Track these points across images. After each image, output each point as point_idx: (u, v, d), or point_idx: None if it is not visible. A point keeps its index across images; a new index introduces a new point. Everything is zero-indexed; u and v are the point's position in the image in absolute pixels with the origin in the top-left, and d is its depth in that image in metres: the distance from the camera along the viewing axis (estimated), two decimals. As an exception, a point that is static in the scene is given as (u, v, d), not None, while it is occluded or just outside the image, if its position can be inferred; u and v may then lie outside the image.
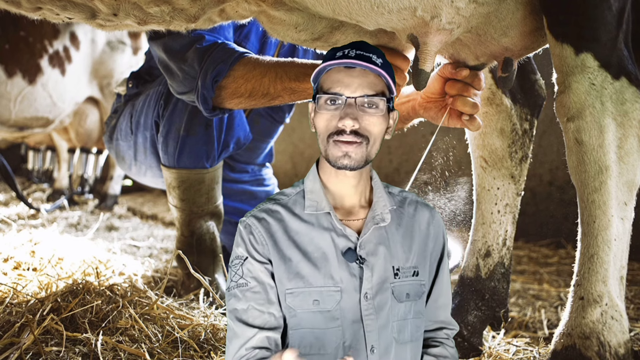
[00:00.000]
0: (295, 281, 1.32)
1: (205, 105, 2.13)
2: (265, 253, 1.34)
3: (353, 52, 1.32)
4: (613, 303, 1.59)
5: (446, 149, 2.08)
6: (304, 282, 1.32)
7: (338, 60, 1.31)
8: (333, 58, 1.33)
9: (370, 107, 1.31)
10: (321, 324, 1.32)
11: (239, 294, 1.33)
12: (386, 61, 1.36)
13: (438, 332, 1.48)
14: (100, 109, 5.92)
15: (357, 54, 1.31)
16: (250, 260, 1.34)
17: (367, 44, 1.36)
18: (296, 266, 1.33)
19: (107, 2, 1.63)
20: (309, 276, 1.32)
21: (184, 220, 2.61)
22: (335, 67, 1.33)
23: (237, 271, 1.34)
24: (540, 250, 4.40)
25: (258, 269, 1.33)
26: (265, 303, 1.32)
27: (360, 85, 1.31)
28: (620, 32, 1.59)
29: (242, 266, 1.34)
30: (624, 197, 1.61)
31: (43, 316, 1.95)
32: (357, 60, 1.30)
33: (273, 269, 1.34)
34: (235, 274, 1.34)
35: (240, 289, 1.33)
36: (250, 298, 1.32)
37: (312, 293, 1.32)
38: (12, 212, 5.11)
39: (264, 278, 1.33)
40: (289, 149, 7.15)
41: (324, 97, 1.32)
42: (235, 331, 1.32)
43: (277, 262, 1.34)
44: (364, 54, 1.32)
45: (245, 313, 1.32)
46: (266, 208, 1.39)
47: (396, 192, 1.47)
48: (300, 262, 1.33)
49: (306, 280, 1.32)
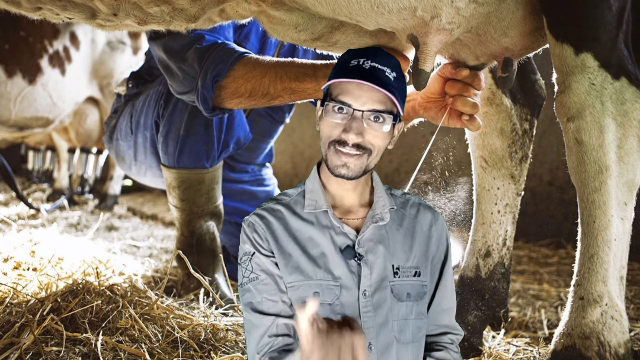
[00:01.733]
0: (296, 275, 1.35)
1: (205, 105, 2.13)
2: (268, 247, 1.38)
3: (368, 64, 1.32)
4: (613, 303, 1.59)
5: (446, 149, 2.08)
6: (304, 276, 1.35)
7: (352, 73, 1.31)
8: (347, 65, 1.34)
9: (376, 121, 1.33)
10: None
11: (252, 288, 1.36)
12: (400, 74, 1.37)
13: (442, 337, 1.48)
14: (100, 109, 5.92)
15: (372, 66, 1.32)
16: (257, 255, 1.37)
17: (384, 52, 1.37)
18: (296, 261, 1.36)
19: (107, 2, 1.63)
20: (308, 270, 1.35)
21: (184, 220, 2.61)
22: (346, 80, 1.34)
23: (246, 267, 1.38)
24: (540, 250, 4.40)
25: (266, 262, 1.36)
26: (277, 293, 1.35)
27: (369, 99, 1.32)
28: (620, 32, 1.59)
29: (250, 261, 1.37)
30: (624, 197, 1.61)
31: (43, 316, 1.95)
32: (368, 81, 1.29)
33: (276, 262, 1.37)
34: (246, 270, 1.38)
35: (253, 283, 1.36)
36: (262, 290, 1.35)
37: (312, 286, 1.34)
38: (12, 212, 5.11)
39: (272, 270, 1.36)
40: (289, 149, 7.15)
41: (332, 104, 1.34)
42: (252, 322, 1.35)
43: (278, 257, 1.37)
44: (379, 67, 1.32)
45: (260, 304, 1.35)
46: (268, 207, 1.43)
47: (399, 194, 1.49)
48: (300, 257, 1.36)
49: (306, 274, 1.35)
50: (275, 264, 1.36)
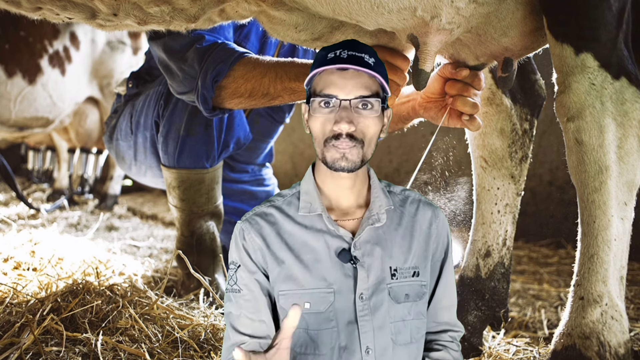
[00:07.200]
0: (288, 283, 1.34)
1: (205, 105, 2.13)
2: (257, 259, 1.37)
3: (345, 54, 1.31)
4: (613, 303, 1.59)
5: (446, 149, 2.08)
6: (296, 285, 1.33)
7: (330, 64, 1.30)
8: (325, 59, 1.32)
9: (364, 109, 1.31)
10: (315, 325, 1.32)
11: (233, 299, 1.37)
12: (378, 60, 1.35)
13: (442, 334, 1.46)
14: (100, 109, 5.92)
15: (350, 55, 1.30)
16: (242, 269, 1.37)
17: (358, 42, 1.36)
18: (289, 268, 1.34)
19: (107, 2, 1.63)
20: (300, 278, 1.33)
21: (184, 220, 2.61)
22: (327, 69, 1.32)
23: (232, 276, 1.38)
24: (540, 250, 4.40)
25: (247, 279, 1.36)
26: (255, 312, 1.35)
27: (354, 86, 1.30)
28: (620, 32, 1.59)
29: (235, 273, 1.38)
30: (624, 197, 1.61)
31: (43, 316, 1.95)
32: (349, 65, 1.29)
33: (268, 272, 1.36)
34: (231, 279, 1.38)
35: (234, 295, 1.37)
36: (242, 305, 1.35)
37: (304, 295, 1.33)
38: (12, 212, 5.10)
39: (253, 287, 1.36)
40: (289, 149, 7.15)
41: (317, 99, 1.31)
42: (228, 334, 1.38)
43: (271, 264, 1.36)
44: (356, 54, 1.31)
45: (237, 320, 1.35)
46: (260, 212, 1.41)
47: (398, 191, 1.46)
48: (292, 264, 1.34)
49: (298, 283, 1.33)
50: (256, 282, 1.36)
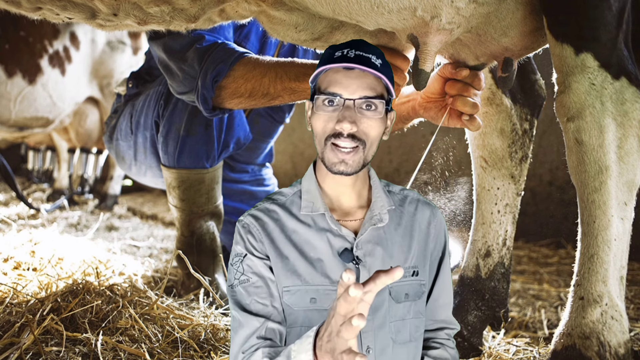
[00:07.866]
0: (293, 279, 1.33)
1: (205, 105, 2.13)
2: (263, 250, 1.35)
3: (352, 53, 1.30)
4: (613, 303, 1.59)
5: (446, 149, 2.08)
6: (301, 280, 1.32)
7: (337, 63, 1.30)
8: (331, 57, 1.32)
9: (368, 110, 1.30)
10: (318, 322, 1.31)
11: (242, 290, 1.33)
12: (385, 61, 1.35)
13: (439, 332, 1.48)
14: (100, 109, 5.92)
15: (357, 54, 1.30)
16: (249, 257, 1.34)
17: (366, 43, 1.35)
18: (293, 264, 1.33)
19: (107, 2, 1.63)
20: (305, 274, 1.32)
21: (184, 220, 2.61)
22: (333, 67, 1.32)
23: (237, 268, 1.35)
24: (540, 250, 4.40)
25: (258, 264, 1.33)
26: (268, 296, 1.32)
27: (359, 86, 1.29)
28: (620, 32, 1.59)
29: (242, 263, 1.34)
30: (624, 197, 1.61)
31: (43, 316, 1.95)
32: (356, 64, 1.28)
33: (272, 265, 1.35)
34: (237, 272, 1.35)
35: (243, 285, 1.33)
36: (252, 292, 1.32)
37: (309, 291, 1.32)
38: (12, 212, 5.10)
39: (264, 272, 1.33)
40: (289, 149, 7.15)
41: (321, 97, 1.31)
42: (240, 321, 1.31)
43: (274, 259, 1.34)
44: (363, 54, 1.30)
45: (249, 306, 1.31)
46: (263, 207, 1.39)
47: (397, 190, 1.46)
48: (297, 260, 1.33)
49: (303, 279, 1.32)
50: (269, 268, 1.33)
